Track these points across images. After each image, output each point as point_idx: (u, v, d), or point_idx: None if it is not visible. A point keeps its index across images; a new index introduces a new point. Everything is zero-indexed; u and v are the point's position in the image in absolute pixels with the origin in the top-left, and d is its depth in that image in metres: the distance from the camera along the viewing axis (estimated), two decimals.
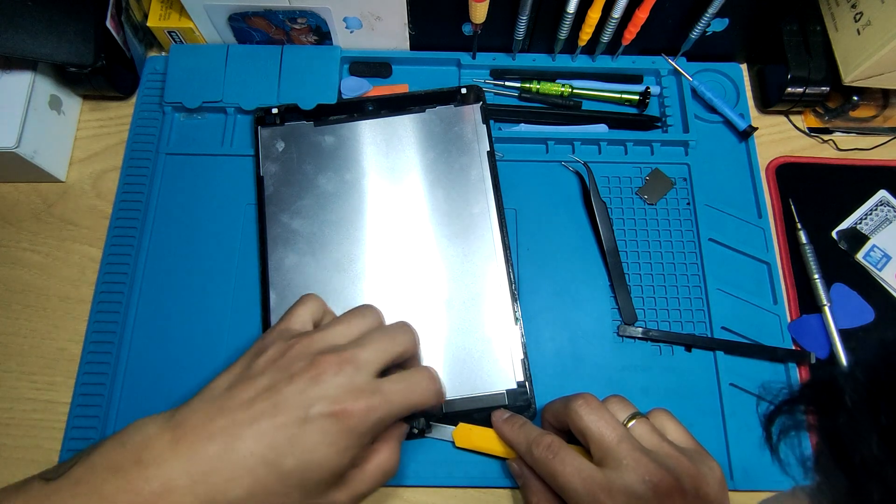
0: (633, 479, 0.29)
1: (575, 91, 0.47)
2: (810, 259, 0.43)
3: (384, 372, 0.31)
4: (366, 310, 0.33)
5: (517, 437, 0.35)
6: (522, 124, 0.47)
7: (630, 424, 0.32)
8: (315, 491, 0.28)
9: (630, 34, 0.44)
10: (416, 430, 0.38)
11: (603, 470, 0.30)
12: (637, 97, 0.47)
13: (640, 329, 0.41)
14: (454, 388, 0.39)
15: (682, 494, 0.29)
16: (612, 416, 0.32)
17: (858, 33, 0.43)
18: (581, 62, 0.48)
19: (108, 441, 0.28)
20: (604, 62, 0.48)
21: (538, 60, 0.47)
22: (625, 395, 0.35)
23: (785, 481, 0.39)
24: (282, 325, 0.32)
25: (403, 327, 0.33)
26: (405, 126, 0.44)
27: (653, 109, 0.48)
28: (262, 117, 0.45)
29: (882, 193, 0.45)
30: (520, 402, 0.38)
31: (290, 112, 0.45)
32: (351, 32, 0.45)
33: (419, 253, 0.41)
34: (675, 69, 0.47)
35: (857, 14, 0.43)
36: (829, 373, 0.21)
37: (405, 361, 0.33)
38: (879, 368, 0.19)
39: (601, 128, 0.46)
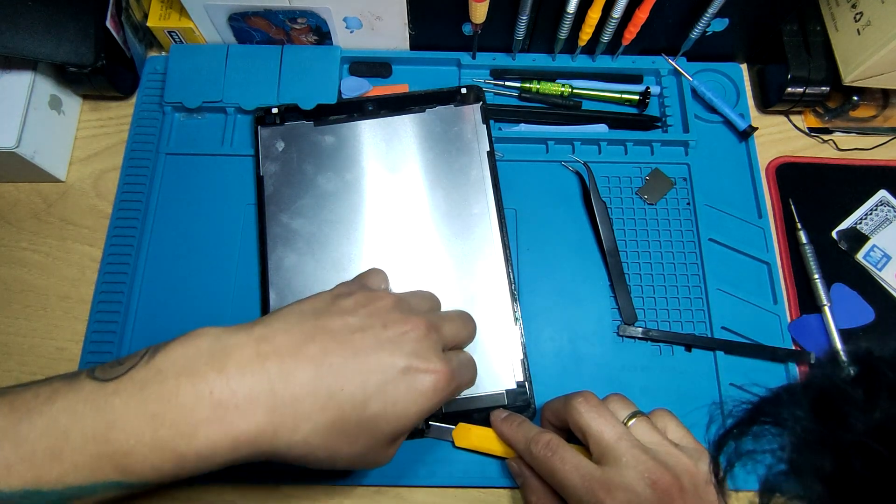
0: (632, 476, 0.29)
1: (575, 91, 0.47)
2: (810, 259, 0.43)
3: None
4: (428, 293, 0.35)
5: (516, 435, 0.35)
6: (522, 124, 0.47)
7: (630, 423, 0.32)
8: (380, 442, 0.28)
9: (630, 34, 0.44)
10: (416, 430, 0.38)
11: (602, 467, 0.30)
12: (637, 97, 0.47)
13: (640, 329, 0.41)
14: None
15: (681, 492, 0.29)
16: (611, 414, 0.32)
17: (858, 33, 0.43)
18: (581, 62, 0.48)
19: (175, 345, 0.26)
20: (604, 62, 0.48)
21: (538, 60, 0.47)
22: (625, 394, 0.35)
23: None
24: (360, 279, 0.33)
25: (470, 318, 0.35)
26: (405, 126, 0.44)
27: (653, 109, 0.48)
28: (262, 117, 0.45)
29: (882, 193, 0.45)
30: (519, 401, 0.38)
31: (290, 112, 0.45)
32: (351, 32, 0.45)
33: (419, 253, 0.41)
34: (675, 69, 0.47)
35: (857, 14, 0.43)
36: (794, 386, 0.20)
37: None
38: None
39: (601, 128, 0.46)
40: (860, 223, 0.45)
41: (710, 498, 0.30)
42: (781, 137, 0.48)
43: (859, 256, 0.44)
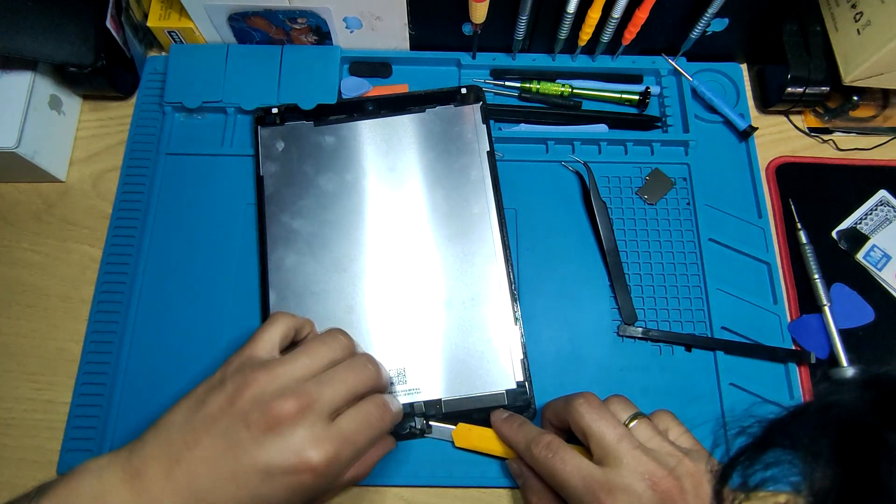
0: (633, 477, 0.29)
1: (575, 91, 0.47)
2: (810, 259, 0.43)
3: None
4: (333, 338, 0.32)
5: (516, 436, 0.35)
6: (522, 124, 0.47)
7: (631, 424, 0.32)
8: None
9: (630, 34, 0.44)
10: (416, 430, 0.38)
11: (603, 469, 0.30)
12: (637, 97, 0.47)
13: (640, 329, 0.41)
14: (454, 388, 0.39)
15: (682, 494, 0.29)
16: (612, 416, 0.32)
17: (858, 33, 0.43)
18: (581, 62, 0.47)
19: (59, 487, 0.26)
20: (604, 62, 0.48)
21: (538, 60, 0.47)
22: (625, 395, 0.35)
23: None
24: (246, 350, 0.31)
25: (367, 363, 0.32)
26: (405, 126, 0.44)
27: (653, 109, 0.48)
28: (262, 117, 0.45)
29: (882, 193, 0.45)
30: (519, 402, 0.38)
31: (290, 112, 0.45)
32: (351, 32, 0.45)
33: (419, 253, 0.41)
34: (675, 69, 0.47)
35: (857, 14, 0.43)
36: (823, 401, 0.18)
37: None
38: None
39: (601, 128, 0.46)
40: (860, 223, 0.45)
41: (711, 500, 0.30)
42: (781, 137, 0.48)
43: (859, 256, 0.44)
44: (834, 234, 0.44)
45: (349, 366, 0.31)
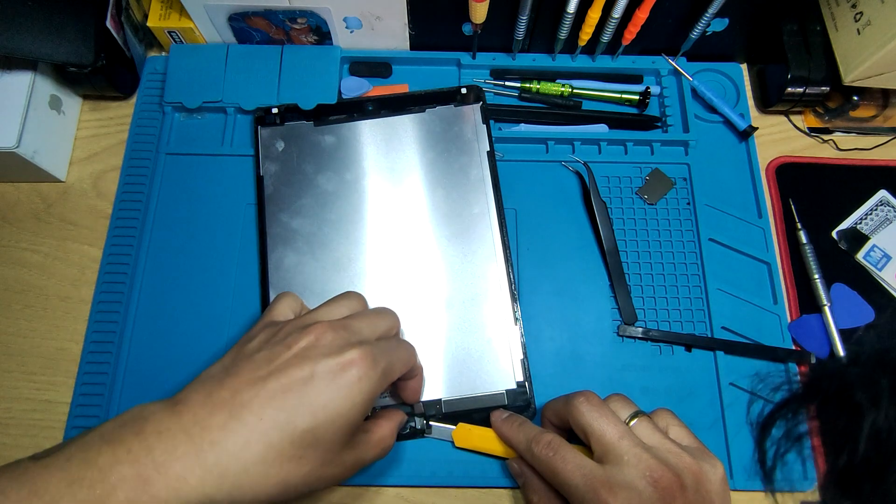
0: (634, 475, 0.29)
1: (575, 91, 0.47)
2: (810, 259, 0.43)
3: None
4: (349, 294, 0.34)
5: (517, 435, 0.35)
6: (522, 124, 0.47)
7: (632, 423, 0.32)
8: (330, 451, 0.28)
9: (630, 34, 0.44)
10: (416, 430, 0.38)
11: (604, 466, 0.30)
12: (637, 97, 0.47)
13: (640, 329, 0.41)
14: (454, 388, 0.39)
15: (683, 491, 0.29)
16: (613, 414, 0.32)
17: (858, 33, 0.43)
18: (581, 62, 0.48)
19: (104, 423, 0.27)
20: (604, 62, 0.48)
21: (538, 60, 0.47)
22: (625, 394, 0.35)
23: (785, 482, 0.39)
24: (263, 319, 0.33)
25: (387, 309, 0.34)
26: (405, 126, 0.44)
27: (653, 109, 0.48)
28: (262, 117, 0.45)
29: (882, 193, 0.45)
30: (519, 401, 0.38)
31: (290, 112, 0.45)
32: (351, 32, 0.45)
33: (419, 253, 0.41)
34: (675, 69, 0.47)
35: (857, 14, 0.43)
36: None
37: None
38: None
39: (601, 128, 0.46)
40: (860, 223, 0.45)
41: (711, 497, 0.30)
42: (781, 137, 0.48)
43: (859, 256, 0.44)
44: (834, 234, 0.44)
45: (374, 310, 0.33)
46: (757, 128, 0.46)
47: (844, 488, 0.19)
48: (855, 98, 0.48)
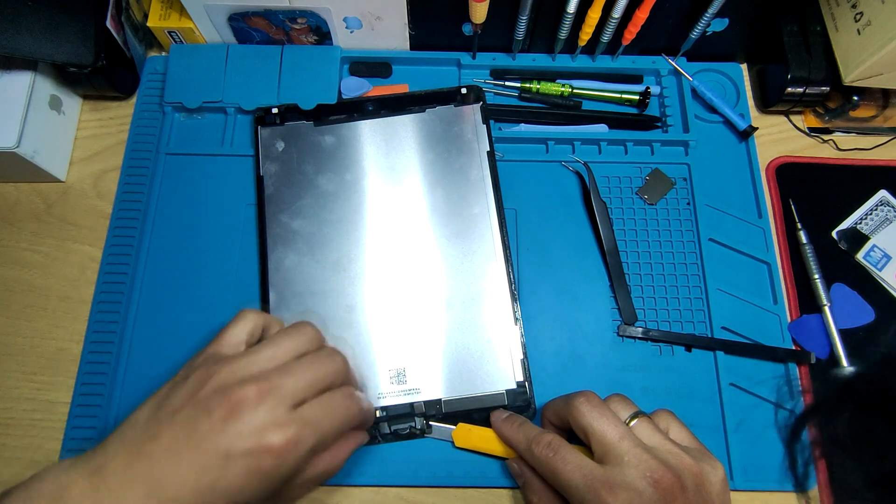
0: (634, 475, 0.29)
1: (575, 91, 0.47)
2: (810, 259, 0.43)
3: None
4: (300, 330, 0.32)
5: (517, 436, 0.35)
6: (522, 124, 0.47)
7: (632, 423, 0.32)
8: None
9: (630, 34, 0.44)
10: (416, 430, 0.38)
11: (604, 467, 0.30)
12: (637, 97, 0.47)
13: (640, 329, 0.41)
14: (454, 388, 0.39)
15: (683, 491, 0.29)
16: (613, 414, 0.32)
17: (858, 33, 0.43)
18: (581, 62, 0.47)
19: (20, 489, 0.26)
20: (604, 62, 0.48)
21: (538, 60, 0.47)
22: (625, 394, 0.35)
23: (785, 482, 0.39)
24: (212, 347, 0.31)
25: (332, 354, 0.32)
26: (405, 126, 0.44)
27: (653, 109, 0.48)
28: (262, 117, 0.45)
29: (882, 193, 0.45)
30: (519, 401, 0.38)
31: (290, 112, 0.45)
32: (351, 32, 0.45)
33: (419, 253, 0.41)
34: (675, 69, 0.47)
35: (857, 14, 0.43)
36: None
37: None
38: None
39: (601, 128, 0.46)
40: (860, 223, 0.45)
41: (712, 498, 0.30)
42: (781, 137, 0.48)
43: (859, 256, 0.44)
44: (834, 234, 0.44)
45: (315, 357, 0.31)
46: (757, 128, 0.46)
47: (889, 493, 0.18)
48: (855, 98, 0.48)
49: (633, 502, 0.28)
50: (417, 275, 0.41)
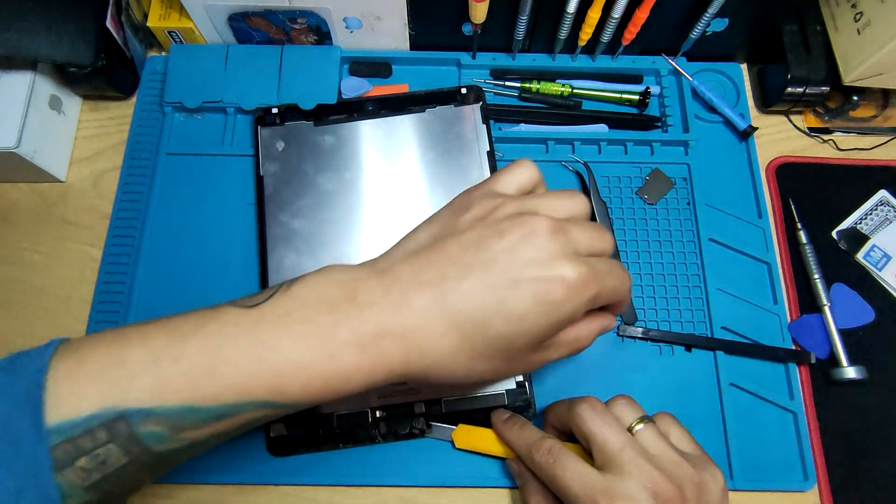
0: (635, 486, 0.29)
1: (575, 91, 0.47)
2: (810, 259, 0.43)
3: None
4: (576, 195, 0.30)
5: (517, 439, 0.34)
6: (522, 124, 0.47)
7: (636, 429, 0.31)
8: (518, 354, 0.28)
9: (630, 34, 0.44)
10: (416, 430, 0.38)
11: (605, 476, 0.30)
12: (637, 97, 0.47)
13: (640, 329, 0.41)
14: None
15: (684, 502, 0.29)
16: (615, 422, 0.31)
17: (858, 33, 0.43)
18: (581, 62, 0.47)
19: (310, 278, 0.27)
20: (604, 62, 0.48)
21: (538, 60, 0.47)
22: (630, 396, 0.34)
23: (785, 481, 0.39)
24: (487, 185, 0.30)
25: (606, 230, 0.30)
26: (405, 126, 0.44)
27: (653, 109, 0.48)
28: (262, 117, 0.45)
29: (882, 193, 0.45)
30: (519, 402, 0.38)
31: (290, 112, 0.45)
32: (351, 32, 0.45)
33: None
34: (675, 69, 0.47)
35: (857, 14, 0.43)
36: None
37: None
38: None
39: (601, 128, 0.46)
40: (860, 223, 0.45)
41: None
42: (781, 137, 0.48)
43: (859, 256, 0.44)
44: (834, 234, 0.44)
45: (595, 225, 0.30)
46: (757, 128, 0.46)
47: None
48: (855, 98, 0.48)
49: None
50: None
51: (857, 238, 0.44)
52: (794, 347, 0.42)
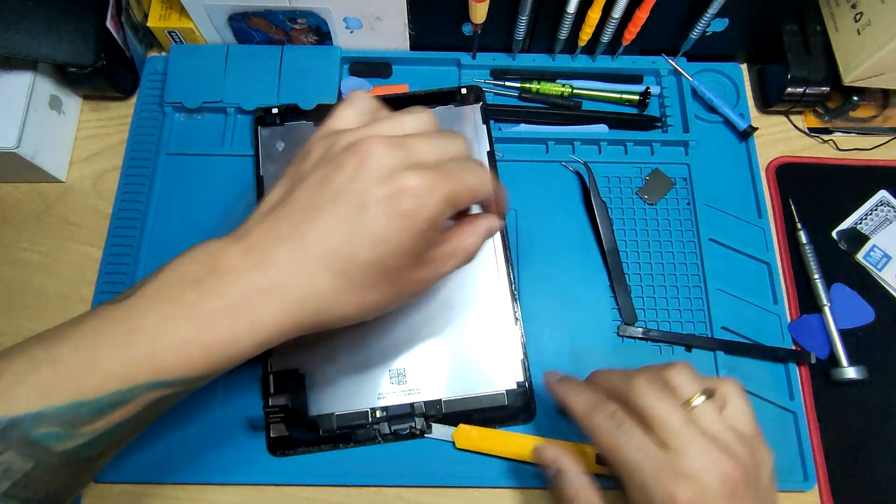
0: (700, 467, 0.28)
1: (575, 91, 0.47)
2: (810, 259, 0.43)
3: None
4: (419, 110, 0.30)
5: (575, 398, 0.32)
6: (522, 124, 0.47)
7: (694, 403, 0.30)
8: (400, 274, 0.28)
9: (630, 34, 0.44)
10: (416, 430, 0.38)
11: (666, 453, 0.28)
12: (637, 97, 0.47)
13: (640, 329, 0.41)
14: (454, 388, 0.38)
15: (746, 485, 0.28)
16: (673, 399, 0.30)
17: (858, 33, 0.43)
18: (581, 62, 0.48)
19: (171, 262, 0.27)
20: (604, 62, 0.48)
21: (538, 60, 0.47)
22: (690, 364, 0.32)
23: (785, 481, 0.39)
24: (324, 126, 0.30)
25: (455, 133, 0.30)
26: None
27: (653, 109, 0.48)
28: (263, 117, 0.45)
29: (882, 193, 0.45)
30: (519, 402, 0.38)
31: (291, 112, 0.45)
32: (351, 32, 0.45)
33: None
34: (675, 69, 0.47)
35: (857, 14, 0.43)
36: None
37: None
38: None
39: (601, 128, 0.46)
40: (860, 223, 0.45)
41: (767, 489, 0.29)
42: (781, 137, 0.48)
43: (859, 256, 0.44)
44: (834, 234, 0.44)
45: (445, 132, 0.30)
46: (757, 128, 0.46)
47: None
48: (855, 98, 0.48)
49: (699, 495, 0.27)
50: None
51: (857, 238, 0.44)
52: (794, 347, 0.42)
